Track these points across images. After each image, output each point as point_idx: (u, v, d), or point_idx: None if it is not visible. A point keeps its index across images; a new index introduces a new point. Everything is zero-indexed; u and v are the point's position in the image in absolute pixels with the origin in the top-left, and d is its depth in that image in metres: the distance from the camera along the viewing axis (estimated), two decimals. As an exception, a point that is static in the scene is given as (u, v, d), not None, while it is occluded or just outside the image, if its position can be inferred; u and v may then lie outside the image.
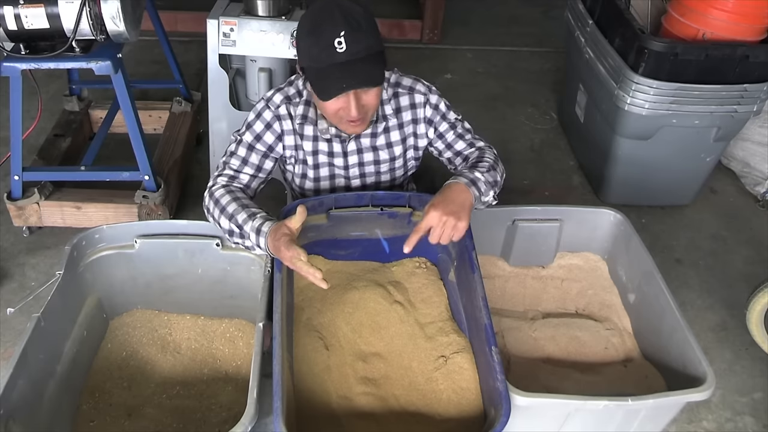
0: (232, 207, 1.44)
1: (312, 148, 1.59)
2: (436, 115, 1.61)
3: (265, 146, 1.56)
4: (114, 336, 1.71)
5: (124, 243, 1.64)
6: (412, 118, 1.60)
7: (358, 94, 1.39)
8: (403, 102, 1.59)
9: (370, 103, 1.43)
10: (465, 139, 1.62)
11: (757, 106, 2.24)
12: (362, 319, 1.52)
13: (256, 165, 1.55)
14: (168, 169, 2.43)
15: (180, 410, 1.57)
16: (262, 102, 1.57)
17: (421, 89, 1.59)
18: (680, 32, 2.24)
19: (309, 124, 1.56)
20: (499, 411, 1.25)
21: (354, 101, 1.39)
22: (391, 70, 1.59)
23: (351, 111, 1.40)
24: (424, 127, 1.62)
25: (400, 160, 1.65)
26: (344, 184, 1.66)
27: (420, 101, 1.59)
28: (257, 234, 1.38)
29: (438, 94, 1.61)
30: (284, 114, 1.55)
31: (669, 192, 2.62)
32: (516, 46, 3.73)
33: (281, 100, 1.55)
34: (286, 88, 1.57)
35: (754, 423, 1.90)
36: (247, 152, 1.54)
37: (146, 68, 3.29)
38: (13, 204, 2.24)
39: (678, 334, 1.51)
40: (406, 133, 1.62)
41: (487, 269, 1.85)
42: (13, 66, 1.96)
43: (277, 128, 1.56)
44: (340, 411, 1.37)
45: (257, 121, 1.55)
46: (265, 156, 1.56)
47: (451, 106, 1.63)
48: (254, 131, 1.55)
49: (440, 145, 1.63)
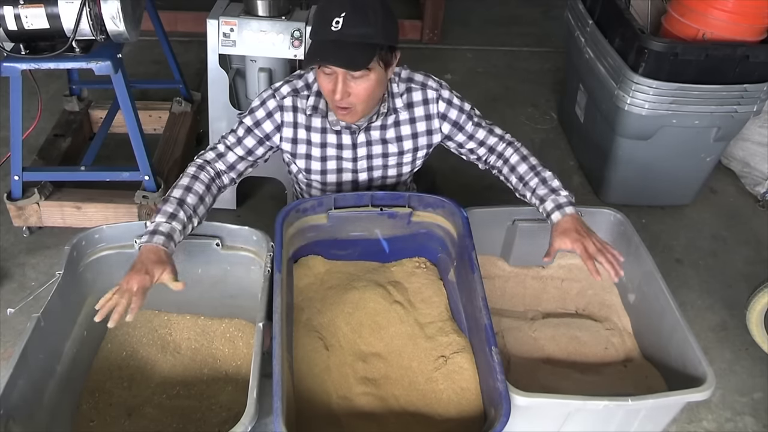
0: (176, 192, 1.47)
1: (321, 140, 1.60)
2: (450, 109, 1.62)
3: (262, 133, 1.58)
4: (114, 336, 1.71)
5: (124, 243, 1.64)
6: (425, 114, 1.61)
7: (345, 80, 1.41)
8: (416, 97, 1.60)
9: (358, 93, 1.43)
10: (483, 127, 1.65)
11: (757, 106, 2.24)
12: (362, 319, 1.52)
13: (248, 148, 1.58)
14: (168, 169, 2.43)
15: (180, 410, 1.57)
16: (269, 90, 1.59)
17: (432, 85, 1.61)
18: (680, 32, 2.24)
19: (318, 116, 1.57)
20: (499, 411, 1.25)
21: (341, 84, 1.41)
22: (401, 66, 1.60)
23: (336, 94, 1.42)
24: (438, 123, 1.63)
25: (409, 155, 1.66)
26: (351, 178, 1.66)
27: (432, 97, 1.61)
28: (152, 233, 1.40)
29: (449, 89, 1.63)
30: (288, 106, 1.56)
31: (669, 192, 2.62)
32: (516, 46, 3.73)
33: (288, 91, 1.57)
34: (294, 81, 1.58)
35: (754, 423, 1.90)
36: (244, 133, 1.58)
37: (146, 68, 3.29)
38: (13, 204, 2.24)
39: (678, 334, 1.51)
40: (418, 129, 1.63)
41: (487, 269, 1.84)
42: (13, 66, 1.96)
43: (277, 118, 1.57)
44: (340, 411, 1.37)
45: (260, 107, 1.58)
46: (259, 142, 1.59)
47: (463, 98, 1.65)
48: (255, 117, 1.58)
49: (460, 138, 1.65)
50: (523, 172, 1.60)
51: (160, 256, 1.37)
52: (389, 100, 1.57)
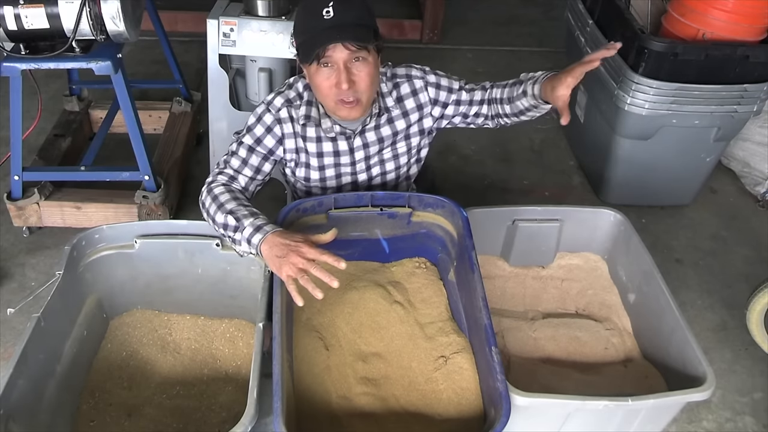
0: (231, 204, 1.43)
1: (316, 149, 1.59)
2: (441, 92, 1.62)
3: (265, 149, 1.56)
4: (114, 336, 1.71)
5: (124, 243, 1.64)
6: (416, 105, 1.62)
7: (348, 68, 1.41)
8: (404, 90, 1.61)
9: (362, 80, 1.43)
10: (477, 88, 1.64)
11: (757, 106, 2.24)
12: (362, 319, 1.52)
13: (255, 167, 1.55)
14: (168, 169, 2.43)
15: (180, 410, 1.57)
16: (262, 105, 1.57)
17: (417, 74, 1.61)
18: (680, 32, 2.24)
19: (312, 125, 1.56)
20: (499, 411, 1.25)
21: (344, 73, 1.40)
22: (385, 65, 1.60)
23: (342, 84, 1.41)
24: (430, 108, 1.63)
25: (405, 148, 1.66)
26: (351, 180, 1.66)
27: (420, 86, 1.61)
28: (255, 230, 1.34)
29: (433, 72, 1.63)
30: (285, 117, 1.55)
31: (669, 192, 2.61)
32: (516, 46, 3.73)
33: (282, 103, 1.56)
34: (286, 91, 1.57)
35: (754, 423, 1.90)
36: (247, 154, 1.55)
37: (146, 68, 3.29)
38: (13, 204, 2.24)
39: (678, 334, 1.51)
40: (412, 121, 1.63)
41: (487, 269, 1.85)
42: (13, 66, 1.96)
43: (277, 132, 1.56)
44: (340, 411, 1.37)
45: (258, 124, 1.56)
46: (264, 159, 1.56)
47: (448, 74, 1.65)
48: (254, 134, 1.55)
49: (463, 108, 1.64)
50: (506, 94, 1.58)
51: (283, 235, 1.32)
52: (379, 100, 1.57)
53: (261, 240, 1.33)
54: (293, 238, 1.30)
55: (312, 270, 1.26)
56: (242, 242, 1.37)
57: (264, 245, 1.32)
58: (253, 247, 1.35)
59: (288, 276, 1.26)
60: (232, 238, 1.40)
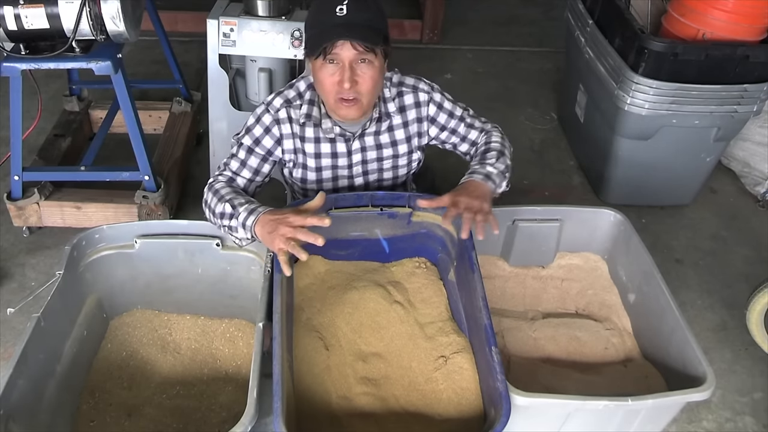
0: (230, 195, 1.46)
1: (314, 150, 1.59)
2: (440, 113, 1.63)
3: (263, 150, 1.57)
4: (114, 336, 1.71)
5: (124, 243, 1.64)
6: (416, 117, 1.62)
7: (352, 67, 1.41)
8: (408, 100, 1.61)
9: (365, 81, 1.43)
10: (476, 127, 1.66)
11: (757, 106, 2.24)
12: (362, 319, 1.52)
13: (254, 168, 1.56)
14: (168, 169, 2.43)
15: (180, 410, 1.57)
16: (262, 106, 1.57)
17: (424, 88, 1.62)
18: (680, 32, 2.24)
19: (311, 125, 1.56)
20: (499, 411, 1.25)
21: (348, 72, 1.40)
22: (392, 71, 1.60)
23: (344, 82, 1.41)
24: (426, 125, 1.64)
25: (404, 158, 1.66)
26: (347, 183, 1.66)
27: (424, 99, 1.61)
28: (249, 213, 1.38)
29: (440, 92, 1.64)
30: (284, 117, 1.56)
31: (669, 192, 2.61)
32: (516, 46, 3.73)
33: (281, 103, 1.56)
34: (285, 91, 1.58)
35: (754, 423, 1.90)
36: (246, 155, 1.55)
37: (146, 68, 3.29)
38: (13, 204, 2.24)
39: (678, 334, 1.51)
40: (411, 132, 1.63)
41: (487, 269, 1.85)
42: (13, 66, 1.96)
43: (276, 132, 1.56)
44: (340, 411, 1.37)
45: (257, 125, 1.56)
46: (263, 160, 1.57)
47: (455, 100, 1.65)
48: (253, 135, 1.56)
49: (454, 140, 1.67)
50: (477, 150, 1.63)
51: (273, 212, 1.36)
52: (381, 105, 1.57)
53: (254, 221, 1.37)
54: (282, 212, 1.35)
55: (299, 235, 1.29)
56: (239, 228, 1.40)
57: (257, 226, 1.37)
58: (248, 230, 1.38)
59: (279, 249, 1.30)
60: (230, 226, 1.43)
